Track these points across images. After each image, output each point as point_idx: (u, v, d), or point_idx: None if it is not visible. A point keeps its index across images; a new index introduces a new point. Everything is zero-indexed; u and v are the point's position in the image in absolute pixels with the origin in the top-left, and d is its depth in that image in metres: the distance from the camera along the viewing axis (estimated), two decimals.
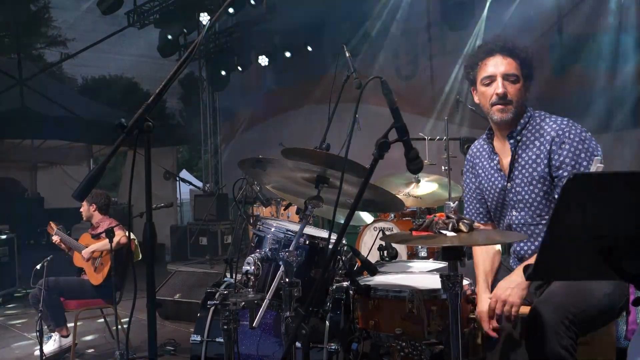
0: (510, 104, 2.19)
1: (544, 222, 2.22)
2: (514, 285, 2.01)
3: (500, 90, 2.17)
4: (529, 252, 2.28)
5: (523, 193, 2.22)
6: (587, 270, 1.27)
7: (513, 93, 2.18)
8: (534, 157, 2.19)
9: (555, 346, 1.82)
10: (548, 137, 2.15)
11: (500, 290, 2.04)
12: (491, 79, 2.21)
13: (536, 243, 2.25)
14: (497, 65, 2.19)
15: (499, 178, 2.32)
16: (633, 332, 2.48)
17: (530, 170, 2.20)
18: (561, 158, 2.11)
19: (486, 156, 2.40)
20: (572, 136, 2.11)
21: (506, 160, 2.30)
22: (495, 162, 2.34)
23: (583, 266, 1.23)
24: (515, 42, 2.23)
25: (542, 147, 2.17)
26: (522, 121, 2.24)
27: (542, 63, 6.21)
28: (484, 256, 2.31)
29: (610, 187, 1.05)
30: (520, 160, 2.24)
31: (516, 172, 2.25)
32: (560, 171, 2.12)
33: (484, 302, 2.10)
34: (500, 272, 2.35)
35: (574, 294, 1.94)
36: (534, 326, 1.89)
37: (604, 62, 5.76)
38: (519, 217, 2.26)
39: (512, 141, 2.26)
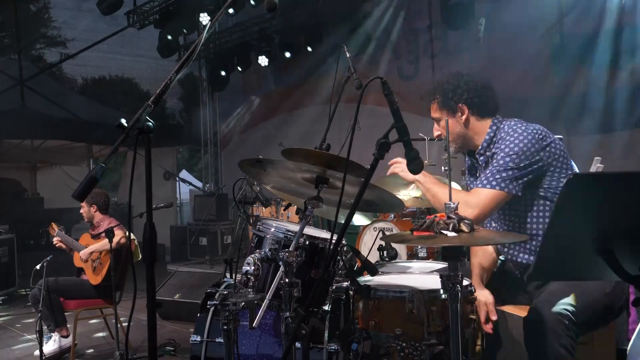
0: (448, 142, 2.25)
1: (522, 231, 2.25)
2: None
3: (434, 134, 2.40)
4: (522, 260, 2.31)
5: None
6: (586, 270, 1.27)
7: (443, 132, 2.33)
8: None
9: (554, 345, 1.82)
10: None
11: None
12: None
13: (521, 254, 2.28)
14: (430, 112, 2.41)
15: None
16: (633, 332, 2.47)
17: None
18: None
19: (471, 169, 2.51)
20: (508, 141, 2.14)
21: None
22: (474, 175, 2.45)
23: (583, 266, 1.23)
24: (433, 86, 2.38)
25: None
26: (486, 137, 2.27)
27: (543, 63, 6.21)
28: (481, 253, 2.34)
29: (610, 187, 1.05)
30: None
31: None
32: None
33: (479, 295, 2.13)
34: (508, 279, 2.37)
35: (572, 294, 1.94)
36: (533, 326, 1.89)
37: (605, 62, 5.74)
38: (497, 228, 2.33)
39: (482, 158, 2.31)
